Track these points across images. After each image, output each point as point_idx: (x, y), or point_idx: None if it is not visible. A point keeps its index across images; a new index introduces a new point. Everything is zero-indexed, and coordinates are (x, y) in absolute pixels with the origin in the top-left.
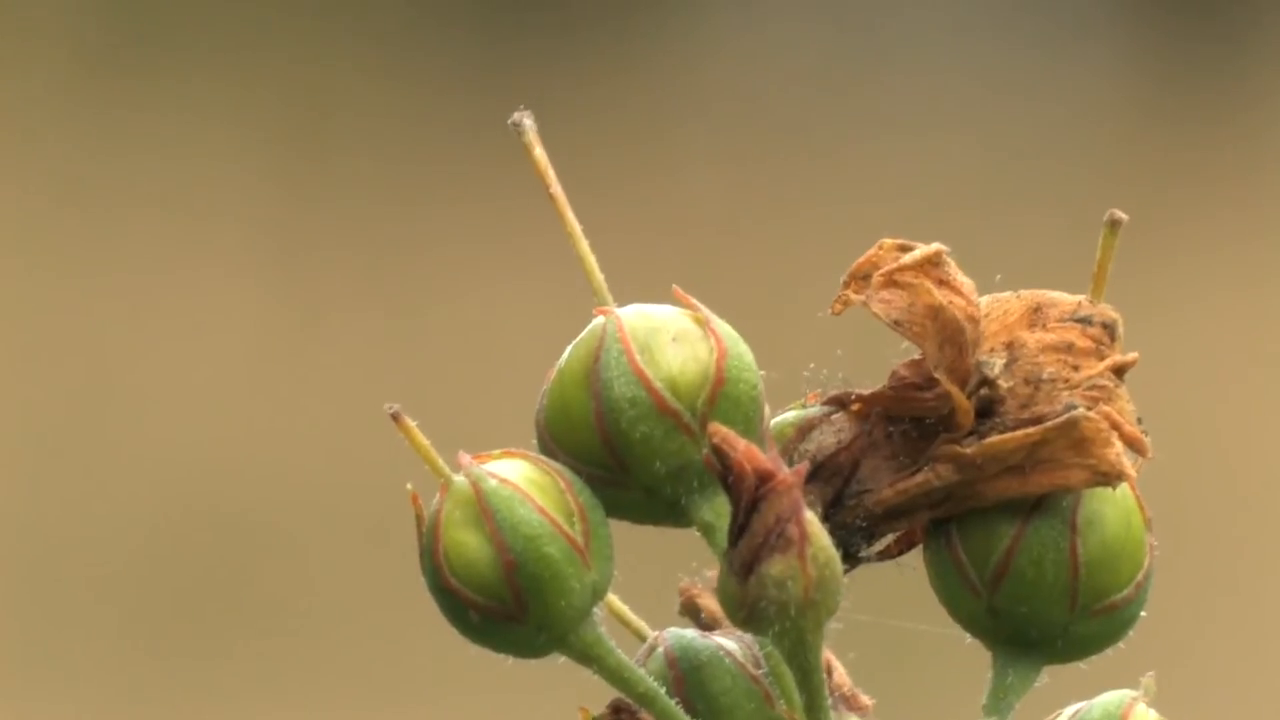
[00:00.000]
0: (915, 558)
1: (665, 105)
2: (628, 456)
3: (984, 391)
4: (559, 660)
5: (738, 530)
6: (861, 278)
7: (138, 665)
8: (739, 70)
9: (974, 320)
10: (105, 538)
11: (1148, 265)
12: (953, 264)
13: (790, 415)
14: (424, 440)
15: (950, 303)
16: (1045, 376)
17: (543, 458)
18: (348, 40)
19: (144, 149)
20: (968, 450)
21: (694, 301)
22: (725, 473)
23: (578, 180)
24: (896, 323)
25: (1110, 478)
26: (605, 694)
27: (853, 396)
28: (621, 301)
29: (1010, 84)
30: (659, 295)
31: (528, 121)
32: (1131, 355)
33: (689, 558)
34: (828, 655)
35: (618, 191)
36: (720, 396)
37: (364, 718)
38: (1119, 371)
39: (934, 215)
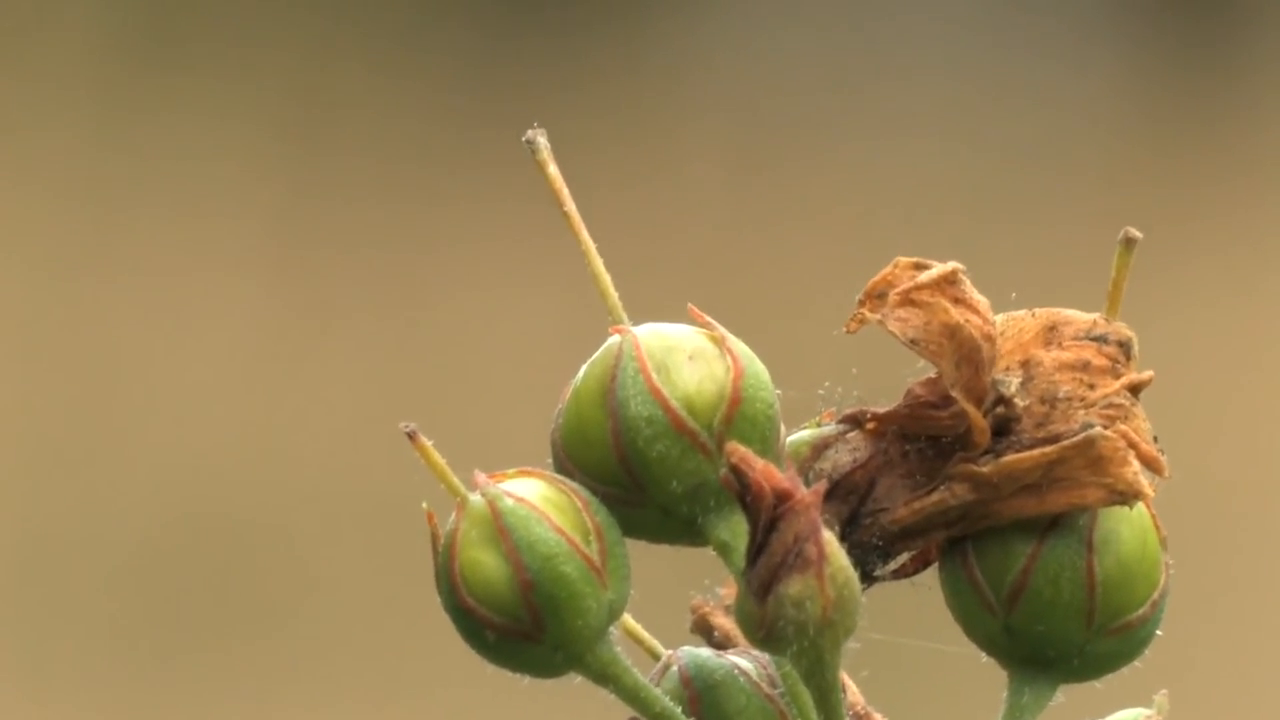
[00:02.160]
0: (930, 577)
1: (666, 108)
2: (644, 475)
3: (1000, 410)
4: (575, 680)
5: (756, 550)
6: (877, 296)
7: (138, 666)
8: (740, 73)
9: (990, 339)
10: (107, 538)
11: (1147, 272)
12: (968, 282)
13: (805, 434)
14: (440, 459)
15: (966, 321)
16: (1061, 395)
17: (559, 477)
18: (352, 39)
19: (147, 148)
20: (984, 469)
21: (710, 320)
22: (743, 492)
23: (579, 183)
24: (913, 341)
25: (1127, 497)
26: (618, 711)
27: (868, 415)
28: (629, 313)
29: (1011, 88)
30: (662, 303)
31: (541, 140)
32: (1147, 373)
33: (701, 575)
34: (842, 674)
35: (619, 195)
36: (737, 415)
37: (367, 717)
38: (1135, 390)
39: (934, 220)
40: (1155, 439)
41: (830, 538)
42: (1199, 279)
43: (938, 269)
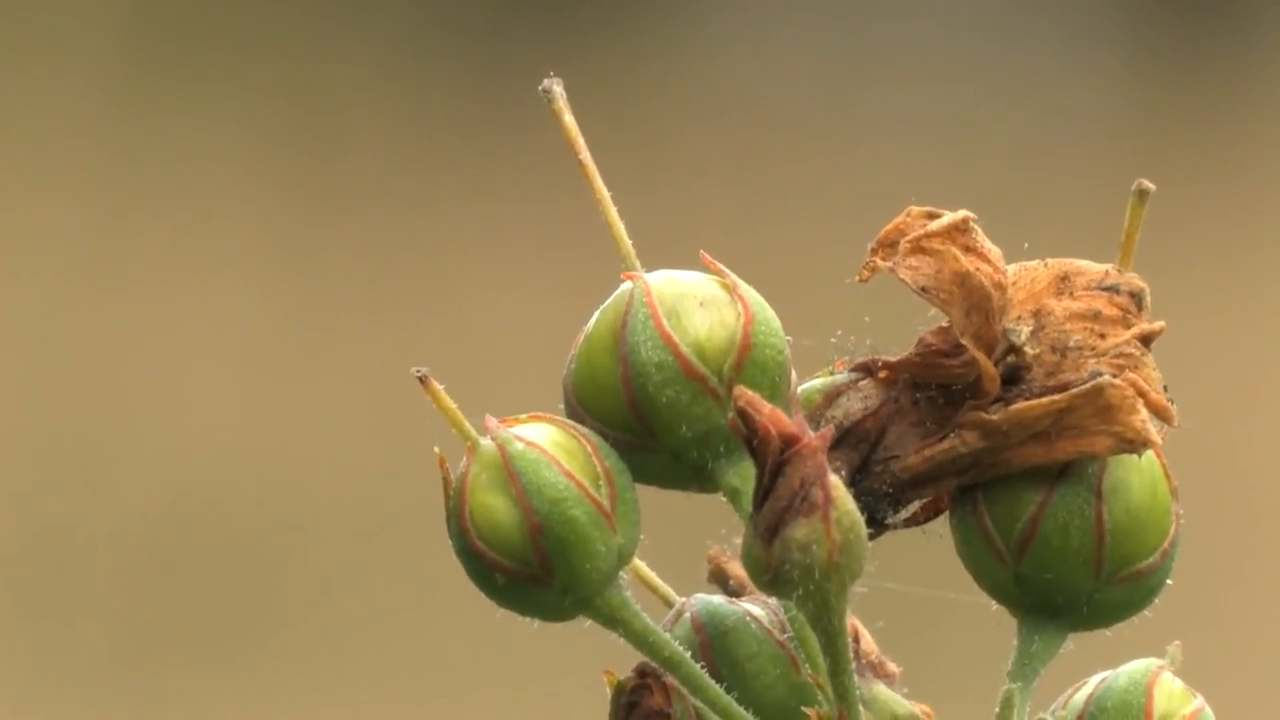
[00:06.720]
0: (941, 525)
1: (668, 109)
2: (654, 421)
3: (1010, 359)
4: (585, 624)
5: (762, 494)
6: (889, 244)
7: (142, 665)
8: (741, 74)
9: (1001, 287)
10: (109, 541)
11: (1145, 272)
12: (980, 231)
13: (818, 382)
14: (451, 404)
15: (977, 269)
16: (1072, 344)
17: (570, 422)
18: (354, 45)
19: (150, 155)
20: (994, 417)
21: (721, 267)
22: (750, 436)
23: (580, 182)
24: (923, 289)
25: (1136, 445)
26: (625, 660)
27: (880, 363)
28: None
29: (1010, 89)
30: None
31: (557, 88)
32: (1158, 323)
33: (717, 525)
34: (854, 623)
35: (619, 193)
36: (747, 361)
37: (369, 715)
38: (1146, 340)
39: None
40: (1165, 388)
41: (837, 482)
42: (1200, 276)
43: (948, 217)
